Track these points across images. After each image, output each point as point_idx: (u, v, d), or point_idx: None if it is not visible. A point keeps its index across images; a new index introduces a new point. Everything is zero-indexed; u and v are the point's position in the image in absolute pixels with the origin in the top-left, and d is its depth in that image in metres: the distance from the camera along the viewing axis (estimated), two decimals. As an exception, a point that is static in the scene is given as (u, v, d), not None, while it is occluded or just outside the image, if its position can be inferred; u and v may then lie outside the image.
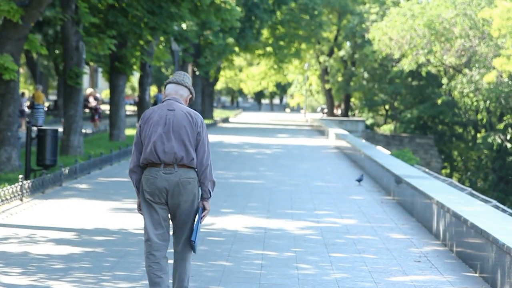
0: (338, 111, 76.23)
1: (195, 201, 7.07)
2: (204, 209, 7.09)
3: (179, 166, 6.98)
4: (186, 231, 7.07)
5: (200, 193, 7.13)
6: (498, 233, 8.85)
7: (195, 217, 7.08)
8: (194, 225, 7.05)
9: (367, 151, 23.55)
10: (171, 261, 7.23)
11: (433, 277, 9.31)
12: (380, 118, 73.25)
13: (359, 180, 19.55)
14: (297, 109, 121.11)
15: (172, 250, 7.22)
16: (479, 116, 54.00)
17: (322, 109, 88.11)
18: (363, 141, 33.98)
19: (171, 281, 7.28)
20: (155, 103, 50.63)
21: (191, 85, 7.32)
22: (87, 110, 38.22)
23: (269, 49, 64.28)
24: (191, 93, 7.27)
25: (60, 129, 23.00)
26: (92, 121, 37.51)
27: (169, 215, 7.12)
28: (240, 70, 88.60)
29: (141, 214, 7.11)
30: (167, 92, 7.23)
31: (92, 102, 37.71)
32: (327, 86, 72.18)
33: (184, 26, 38.86)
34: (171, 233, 7.17)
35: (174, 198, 6.98)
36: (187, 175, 6.99)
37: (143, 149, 7.06)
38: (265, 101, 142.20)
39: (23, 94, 40.08)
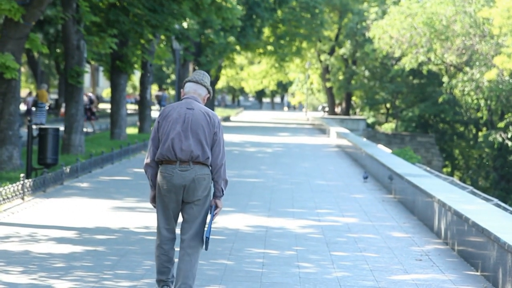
0: (339, 110, 76.22)
1: (208, 197, 7.30)
2: (216, 206, 7.32)
3: (195, 163, 7.19)
4: (195, 226, 7.27)
5: (213, 191, 7.35)
6: (499, 232, 8.84)
7: (206, 213, 7.30)
8: (208, 222, 7.26)
9: (368, 149, 23.55)
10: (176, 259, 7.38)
11: (434, 275, 9.31)
12: (381, 116, 73.21)
13: (365, 177, 19.70)
14: (299, 108, 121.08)
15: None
16: (480, 115, 53.98)
17: (323, 108, 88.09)
18: (364, 139, 33.98)
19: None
20: (159, 102, 50.73)
21: (209, 84, 7.50)
22: None
23: (270, 47, 64.25)
24: (209, 92, 7.47)
25: (61, 128, 23.01)
26: (85, 120, 37.37)
27: (181, 210, 7.36)
28: (241, 69, 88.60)
29: (154, 207, 7.36)
30: (186, 90, 7.43)
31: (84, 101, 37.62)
32: (328, 85, 72.16)
33: (185, 24, 38.86)
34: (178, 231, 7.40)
35: (189, 193, 7.19)
36: (202, 171, 7.21)
37: (160, 145, 7.23)
38: (266, 99, 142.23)
39: (30, 93, 40.22)
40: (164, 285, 7.30)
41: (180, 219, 7.44)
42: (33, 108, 37.28)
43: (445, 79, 52.49)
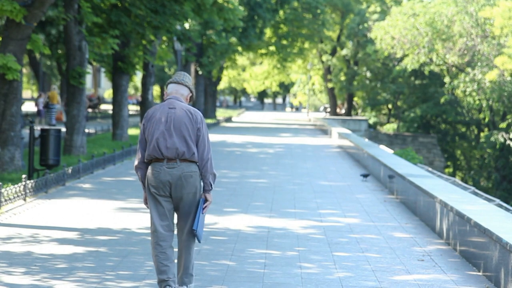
0: (341, 111, 76.24)
1: (197, 193, 7.46)
2: (206, 200, 7.50)
3: (181, 161, 7.38)
4: (189, 221, 7.46)
5: (202, 185, 7.53)
6: (501, 232, 8.84)
7: (197, 208, 7.46)
8: (196, 215, 7.42)
9: (370, 150, 23.54)
10: (175, 249, 7.56)
11: (436, 276, 9.30)
12: (383, 117, 73.24)
13: (365, 176, 19.78)
14: (299, 108, 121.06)
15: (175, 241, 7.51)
16: (482, 115, 53.98)
17: (325, 108, 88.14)
18: (366, 140, 33.97)
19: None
20: None
21: (191, 84, 7.72)
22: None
23: (272, 48, 64.29)
24: (191, 91, 7.69)
25: (63, 129, 23.03)
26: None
27: (173, 207, 7.53)
28: (243, 70, 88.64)
29: (148, 207, 7.52)
30: (168, 91, 7.67)
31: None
32: (330, 85, 72.20)
33: (187, 25, 38.90)
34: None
35: (177, 190, 7.38)
36: (189, 169, 7.39)
37: (147, 146, 7.47)
38: (268, 100, 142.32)
39: (40, 95, 40.49)
40: (166, 285, 7.37)
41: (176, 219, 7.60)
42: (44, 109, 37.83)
43: (447, 79, 52.52)
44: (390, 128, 67.33)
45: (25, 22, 18.27)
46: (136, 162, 7.58)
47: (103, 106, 72.22)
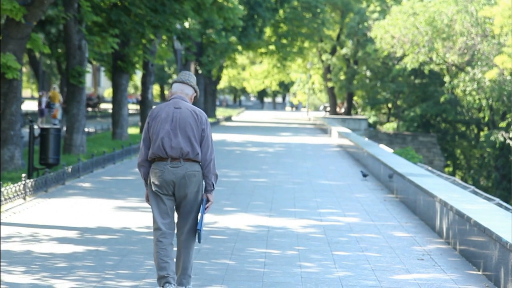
0: (341, 110, 76.22)
1: (199, 192, 7.54)
2: (208, 200, 7.57)
3: (185, 160, 7.44)
4: (190, 221, 7.53)
5: (204, 185, 7.59)
6: (501, 231, 8.84)
7: (199, 208, 7.53)
8: (199, 215, 7.49)
9: (370, 149, 23.54)
10: (175, 249, 7.62)
11: (436, 275, 9.30)
12: (383, 116, 73.18)
13: (365, 175, 19.81)
14: (298, 107, 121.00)
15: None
16: (482, 114, 53.95)
17: (325, 108, 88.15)
18: (366, 139, 33.96)
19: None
20: None
21: (196, 84, 7.76)
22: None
23: (271, 47, 64.27)
24: (195, 91, 7.73)
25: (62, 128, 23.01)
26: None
27: (175, 206, 7.59)
28: (243, 69, 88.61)
29: (149, 204, 7.56)
30: (173, 90, 7.69)
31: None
32: (330, 85, 72.15)
33: (186, 24, 38.88)
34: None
35: (181, 189, 7.44)
36: (193, 168, 7.45)
37: (151, 145, 7.49)
38: (267, 99, 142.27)
39: (43, 94, 40.62)
40: (166, 282, 7.41)
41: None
42: (46, 109, 37.96)
43: (446, 79, 52.47)
44: (390, 127, 67.30)
45: (25, 21, 18.27)
46: (139, 160, 7.60)
47: (103, 105, 72.22)
